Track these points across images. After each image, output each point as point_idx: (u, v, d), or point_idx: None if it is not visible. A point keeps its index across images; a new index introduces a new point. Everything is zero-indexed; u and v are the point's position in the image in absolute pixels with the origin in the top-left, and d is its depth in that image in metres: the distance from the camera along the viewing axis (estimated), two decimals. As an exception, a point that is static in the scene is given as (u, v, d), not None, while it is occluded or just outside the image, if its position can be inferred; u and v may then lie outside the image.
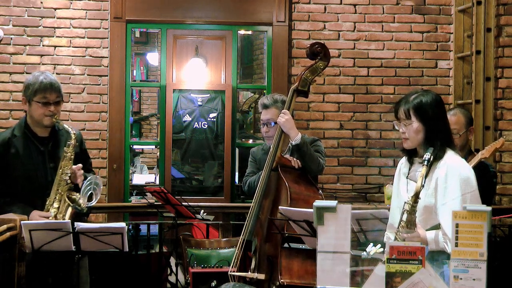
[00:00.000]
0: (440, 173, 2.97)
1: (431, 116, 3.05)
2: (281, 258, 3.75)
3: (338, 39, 6.29)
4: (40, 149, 3.83)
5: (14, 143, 3.82)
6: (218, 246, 4.92)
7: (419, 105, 3.05)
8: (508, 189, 5.97)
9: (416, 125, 3.04)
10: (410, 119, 3.05)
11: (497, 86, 5.98)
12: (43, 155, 3.83)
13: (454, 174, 2.95)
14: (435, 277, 2.41)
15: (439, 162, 3.00)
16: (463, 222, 2.45)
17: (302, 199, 3.85)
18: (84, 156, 4.03)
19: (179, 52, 6.63)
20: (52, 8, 6.11)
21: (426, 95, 3.09)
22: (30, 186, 3.78)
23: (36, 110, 3.79)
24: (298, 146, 4.05)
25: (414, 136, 3.06)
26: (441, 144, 3.02)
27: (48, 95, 3.79)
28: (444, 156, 3.01)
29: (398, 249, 2.42)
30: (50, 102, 3.79)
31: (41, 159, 3.82)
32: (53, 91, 3.81)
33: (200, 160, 6.88)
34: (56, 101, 3.82)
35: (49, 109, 3.78)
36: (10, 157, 3.80)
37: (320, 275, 2.55)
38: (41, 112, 3.78)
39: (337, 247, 2.54)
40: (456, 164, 2.99)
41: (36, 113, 3.80)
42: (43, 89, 3.77)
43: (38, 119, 3.81)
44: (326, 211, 2.56)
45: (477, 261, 2.42)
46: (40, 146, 3.84)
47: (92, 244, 3.50)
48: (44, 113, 3.78)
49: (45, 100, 3.78)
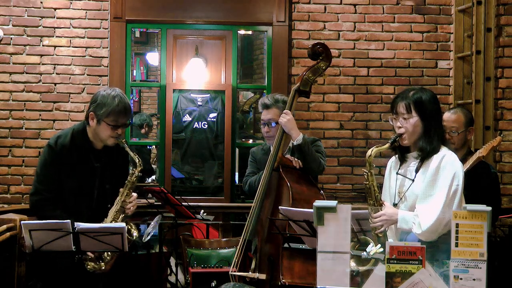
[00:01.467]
0: (433, 165, 3.08)
1: (430, 111, 3.15)
2: (282, 258, 3.75)
3: (338, 39, 6.29)
4: (95, 165, 3.80)
5: (73, 151, 3.78)
6: (218, 246, 4.92)
7: (419, 101, 3.15)
8: (508, 189, 5.97)
9: (415, 119, 3.13)
10: (410, 113, 3.13)
11: (497, 86, 5.98)
12: (95, 170, 3.80)
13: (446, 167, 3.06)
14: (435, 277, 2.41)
15: (433, 156, 3.11)
16: (463, 222, 2.45)
17: (304, 199, 3.85)
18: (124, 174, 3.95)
19: (179, 52, 6.63)
20: (52, 8, 6.11)
21: (425, 92, 3.20)
22: (79, 200, 3.76)
23: (104, 131, 3.75)
24: (300, 146, 4.05)
25: (412, 131, 3.15)
26: (437, 139, 3.14)
27: (121, 120, 3.75)
28: (438, 151, 3.12)
29: (398, 249, 2.43)
30: (119, 126, 3.75)
31: (94, 173, 3.79)
32: (126, 116, 3.77)
33: (200, 160, 6.88)
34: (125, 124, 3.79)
35: (117, 132, 3.75)
36: (67, 165, 3.76)
37: (320, 275, 2.55)
38: (108, 134, 3.75)
39: (337, 247, 2.54)
40: (449, 159, 3.10)
41: (103, 133, 3.77)
42: (117, 113, 3.72)
43: (103, 139, 3.78)
44: (326, 211, 2.57)
45: (477, 261, 2.42)
46: (95, 161, 3.80)
47: (92, 244, 3.50)
48: (111, 135, 3.75)
49: (116, 123, 3.74)
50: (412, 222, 3.03)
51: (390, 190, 3.28)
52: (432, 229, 2.96)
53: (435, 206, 3.00)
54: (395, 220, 3.07)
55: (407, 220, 3.05)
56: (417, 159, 3.15)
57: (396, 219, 3.07)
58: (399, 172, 3.22)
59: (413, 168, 3.16)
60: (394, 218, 3.07)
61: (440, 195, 3.02)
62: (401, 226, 3.07)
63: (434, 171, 3.07)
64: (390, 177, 3.30)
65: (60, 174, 3.75)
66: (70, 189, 3.75)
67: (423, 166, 3.12)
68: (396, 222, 3.08)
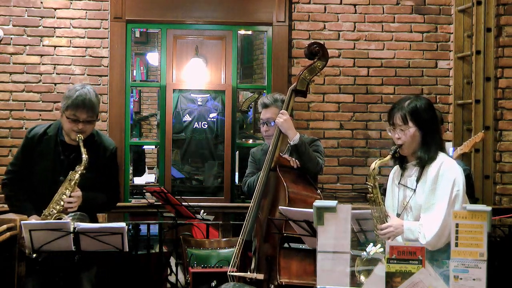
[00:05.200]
0: (431, 174, 3.10)
1: (426, 119, 3.17)
2: (279, 258, 3.75)
3: (338, 39, 6.29)
4: (61, 157, 3.81)
5: (43, 141, 3.83)
6: (218, 246, 4.92)
7: (414, 110, 3.16)
8: (508, 189, 5.97)
9: (413, 130, 3.15)
10: (407, 124, 3.15)
11: (497, 86, 5.98)
12: (62, 163, 3.80)
13: (445, 175, 3.08)
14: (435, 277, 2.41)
15: (431, 164, 3.13)
16: (463, 222, 2.45)
17: (300, 199, 3.85)
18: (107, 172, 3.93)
19: (179, 52, 6.63)
20: (52, 8, 6.11)
21: (420, 100, 3.22)
22: (43, 189, 3.77)
23: (65, 124, 3.77)
24: (296, 146, 4.05)
25: (411, 141, 3.17)
26: (435, 147, 3.15)
27: (79, 114, 3.72)
28: (437, 158, 3.14)
29: (398, 249, 2.43)
30: (80, 120, 3.73)
31: (60, 167, 3.80)
32: (85, 111, 3.72)
33: (200, 160, 6.88)
34: (86, 120, 3.74)
35: (77, 126, 3.73)
36: (36, 153, 3.81)
37: (320, 275, 2.55)
38: (69, 127, 3.75)
39: (337, 247, 2.54)
40: (446, 166, 3.12)
41: (65, 126, 3.78)
42: (74, 106, 3.71)
43: (67, 132, 3.79)
44: (326, 211, 2.57)
45: (477, 261, 2.42)
46: (62, 154, 3.81)
47: (92, 244, 3.50)
48: (72, 129, 3.74)
49: (74, 117, 3.72)
50: (417, 232, 3.06)
51: (393, 201, 3.29)
52: (436, 238, 3.00)
53: (437, 215, 3.03)
54: (401, 231, 3.10)
55: (412, 230, 3.08)
56: (416, 167, 3.16)
57: (402, 230, 3.10)
58: (401, 182, 3.23)
59: (414, 178, 3.18)
60: (400, 229, 3.10)
61: (442, 203, 3.04)
62: (408, 236, 3.08)
63: (433, 180, 3.09)
64: (393, 187, 3.30)
65: (30, 161, 3.81)
66: (37, 176, 3.80)
67: (423, 175, 3.14)
68: (402, 233, 3.08)
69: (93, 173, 3.80)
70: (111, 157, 3.95)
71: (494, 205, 5.75)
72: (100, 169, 3.86)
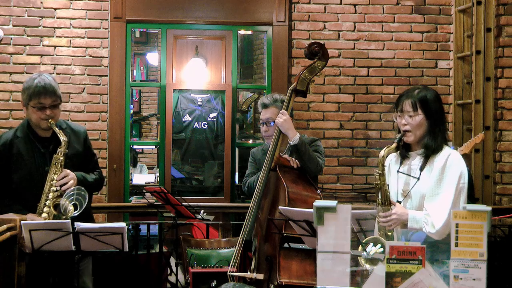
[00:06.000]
0: (439, 164, 3.11)
1: (434, 110, 3.19)
2: (279, 258, 3.75)
3: (338, 39, 6.29)
4: (41, 151, 3.81)
5: (16, 144, 3.80)
6: (218, 246, 4.92)
7: (424, 99, 3.19)
8: (508, 189, 5.97)
9: (421, 117, 3.17)
10: (416, 110, 3.17)
11: (497, 86, 5.98)
12: (44, 157, 3.80)
13: (453, 166, 3.10)
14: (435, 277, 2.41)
15: (437, 155, 3.14)
16: (463, 222, 2.45)
17: (300, 199, 3.85)
18: (88, 155, 4.00)
19: (179, 52, 6.63)
20: (52, 8, 6.11)
21: (429, 91, 3.25)
22: (31, 188, 3.76)
23: (33, 115, 3.75)
24: (296, 146, 4.05)
25: (417, 128, 3.18)
26: (441, 138, 3.18)
27: (43, 100, 3.71)
28: (443, 149, 3.16)
29: (398, 249, 2.42)
30: (46, 107, 3.73)
31: (43, 161, 3.80)
32: (48, 96, 3.72)
33: (200, 160, 6.88)
34: (52, 105, 3.75)
35: (45, 113, 3.72)
36: (13, 158, 3.78)
37: (320, 275, 2.55)
38: (37, 116, 3.74)
39: (337, 247, 2.54)
40: (455, 157, 3.14)
41: (33, 118, 3.76)
42: (37, 94, 3.70)
43: (35, 123, 3.77)
44: (326, 211, 2.57)
45: (477, 261, 2.42)
46: (42, 147, 3.81)
47: (92, 244, 3.50)
48: (40, 117, 3.73)
49: (40, 105, 3.72)
50: (423, 221, 3.04)
51: (391, 189, 3.26)
52: (444, 227, 2.97)
53: (444, 205, 3.02)
54: (405, 219, 3.07)
55: (417, 219, 3.06)
56: (421, 156, 3.17)
57: (406, 218, 3.07)
58: (400, 170, 3.23)
59: (417, 167, 3.17)
60: (404, 217, 3.08)
61: (449, 194, 3.04)
62: (412, 226, 3.06)
63: (440, 170, 3.09)
64: (390, 175, 3.30)
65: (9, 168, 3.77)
66: (21, 179, 3.77)
67: (428, 164, 3.14)
68: (405, 222, 3.07)
69: (74, 159, 3.82)
70: (85, 139, 3.98)
71: (494, 205, 5.76)
72: (80, 155, 3.89)
